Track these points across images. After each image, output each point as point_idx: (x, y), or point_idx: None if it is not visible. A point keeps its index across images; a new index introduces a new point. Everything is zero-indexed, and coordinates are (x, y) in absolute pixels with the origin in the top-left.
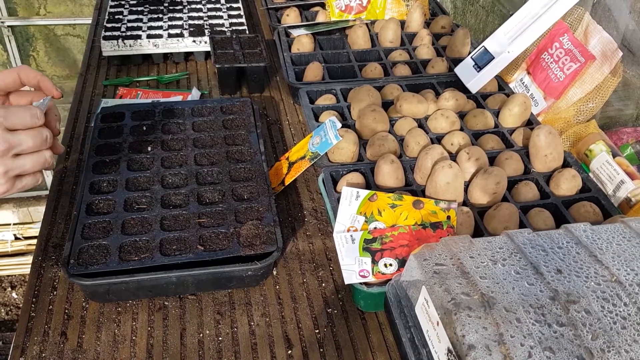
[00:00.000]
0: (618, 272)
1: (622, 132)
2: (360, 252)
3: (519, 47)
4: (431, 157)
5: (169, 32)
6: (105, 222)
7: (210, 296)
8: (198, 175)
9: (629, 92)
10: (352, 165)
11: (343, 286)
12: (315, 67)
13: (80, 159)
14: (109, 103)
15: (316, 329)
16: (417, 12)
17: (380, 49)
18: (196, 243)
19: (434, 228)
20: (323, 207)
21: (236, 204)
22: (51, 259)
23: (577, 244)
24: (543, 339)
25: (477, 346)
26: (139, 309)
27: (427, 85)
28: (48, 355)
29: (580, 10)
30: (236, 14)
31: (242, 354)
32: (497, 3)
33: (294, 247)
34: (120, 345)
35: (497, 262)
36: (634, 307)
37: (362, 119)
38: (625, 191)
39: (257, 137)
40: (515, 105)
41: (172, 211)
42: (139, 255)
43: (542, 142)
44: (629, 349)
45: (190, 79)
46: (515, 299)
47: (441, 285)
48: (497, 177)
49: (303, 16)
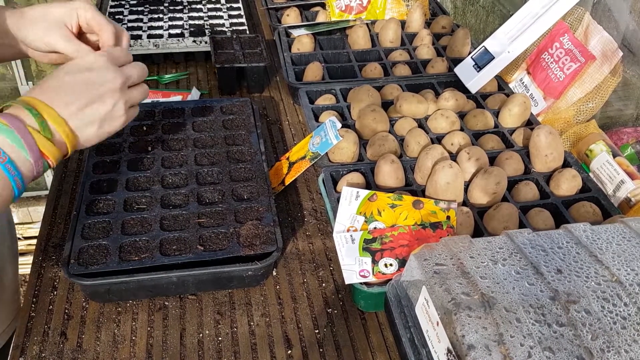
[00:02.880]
0: (618, 272)
1: (622, 132)
2: (360, 252)
3: (519, 47)
4: (431, 157)
5: (169, 32)
6: (105, 222)
7: (210, 296)
8: (198, 175)
9: (629, 92)
10: (352, 165)
11: (343, 286)
12: (315, 67)
13: (80, 159)
14: None
15: (316, 329)
16: (417, 12)
17: (380, 49)
18: (196, 243)
19: (434, 228)
20: (323, 207)
21: (236, 204)
22: (51, 259)
23: (577, 244)
24: (543, 339)
25: (477, 346)
26: (139, 309)
27: (427, 85)
28: (48, 355)
29: (580, 10)
30: (236, 14)
31: (242, 354)
32: (498, 3)
33: (294, 247)
34: (120, 345)
35: (497, 262)
36: (634, 307)
37: (362, 119)
38: (626, 191)
39: (257, 137)
40: (515, 105)
41: (172, 211)
42: (139, 255)
43: (542, 142)
44: (629, 349)
45: (190, 79)
46: (515, 299)
47: (441, 285)
48: (497, 177)
49: (303, 16)
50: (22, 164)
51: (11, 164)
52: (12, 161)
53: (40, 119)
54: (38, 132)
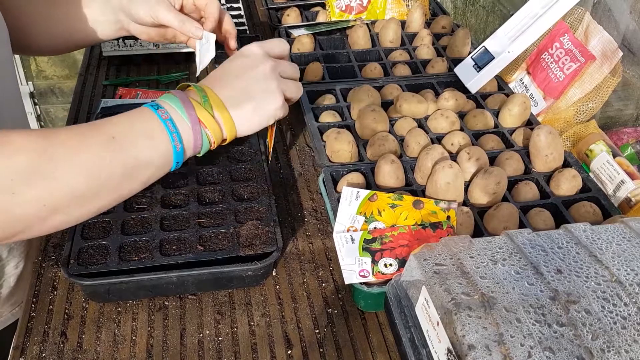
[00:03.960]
0: (618, 272)
1: (622, 132)
2: (360, 252)
3: (519, 47)
4: (431, 157)
5: None
6: (105, 222)
7: (210, 296)
8: (198, 175)
9: (629, 92)
10: (352, 165)
11: (343, 286)
12: (315, 67)
13: None
14: (109, 103)
15: (316, 329)
16: (417, 12)
17: (380, 49)
18: (196, 243)
19: (434, 228)
20: (323, 207)
21: (236, 204)
22: (51, 259)
23: (577, 244)
24: (543, 339)
25: (477, 346)
26: (139, 309)
27: (427, 85)
28: (48, 355)
29: (580, 10)
30: (236, 14)
31: (242, 354)
32: (498, 3)
33: (294, 247)
34: (120, 345)
35: (497, 262)
36: (634, 307)
37: (362, 119)
38: (626, 191)
39: (257, 137)
40: (515, 105)
41: (172, 211)
42: (139, 255)
43: (542, 142)
44: (629, 349)
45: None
46: (515, 299)
47: (441, 285)
48: (497, 177)
49: (303, 16)
50: (181, 125)
51: (171, 122)
52: (173, 120)
53: (203, 93)
54: (199, 103)
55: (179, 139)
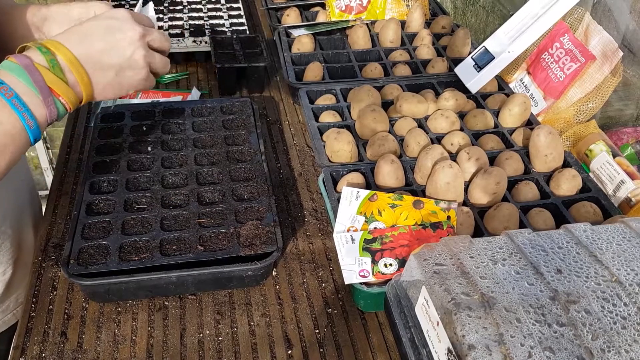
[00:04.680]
0: (618, 272)
1: (622, 132)
2: (360, 252)
3: (519, 47)
4: (431, 157)
5: (169, 32)
6: (105, 222)
7: (210, 296)
8: (198, 175)
9: (629, 92)
10: (352, 165)
11: (343, 286)
12: (315, 67)
13: (80, 159)
14: (109, 103)
15: (316, 329)
16: (417, 12)
17: (380, 49)
18: (196, 243)
19: (434, 228)
20: (323, 207)
21: (236, 204)
22: (51, 259)
23: (577, 244)
24: (543, 339)
25: (477, 346)
26: (139, 309)
27: (427, 85)
28: (48, 355)
29: (580, 10)
30: (236, 14)
31: (242, 354)
32: (498, 3)
33: (294, 247)
34: (120, 345)
35: (497, 262)
36: (634, 307)
37: (362, 119)
38: (626, 191)
39: (257, 137)
40: (515, 105)
41: (172, 211)
42: (139, 255)
43: (542, 142)
44: (629, 349)
45: (190, 79)
46: (515, 299)
47: (441, 285)
48: (497, 177)
49: (303, 16)
50: (30, 100)
51: (18, 100)
52: (19, 97)
53: (50, 56)
54: (47, 69)
55: (30, 116)
